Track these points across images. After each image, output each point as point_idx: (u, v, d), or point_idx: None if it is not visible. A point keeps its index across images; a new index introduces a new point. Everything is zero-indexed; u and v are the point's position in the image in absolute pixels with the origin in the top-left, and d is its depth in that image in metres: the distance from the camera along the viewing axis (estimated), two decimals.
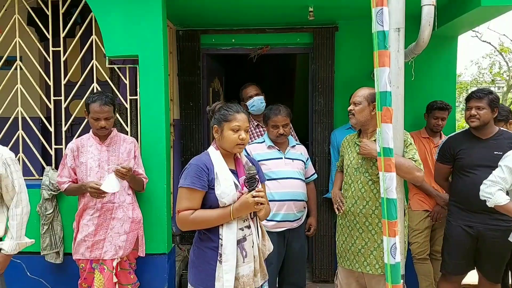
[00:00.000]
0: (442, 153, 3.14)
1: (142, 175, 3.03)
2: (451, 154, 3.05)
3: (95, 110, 2.79)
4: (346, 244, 2.78)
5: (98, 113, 2.79)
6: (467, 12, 3.33)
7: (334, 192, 2.99)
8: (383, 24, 2.16)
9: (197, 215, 2.03)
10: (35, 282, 3.26)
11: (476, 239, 2.93)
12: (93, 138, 2.92)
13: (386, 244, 2.16)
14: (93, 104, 2.80)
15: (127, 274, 2.97)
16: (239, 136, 2.08)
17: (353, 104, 2.71)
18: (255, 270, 2.10)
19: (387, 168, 2.17)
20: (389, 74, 2.17)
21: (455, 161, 3.04)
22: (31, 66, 3.49)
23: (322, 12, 3.70)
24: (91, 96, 2.87)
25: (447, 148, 3.09)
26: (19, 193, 2.43)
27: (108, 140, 2.91)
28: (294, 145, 3.17)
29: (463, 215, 2.97)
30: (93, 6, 3.16)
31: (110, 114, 2.83)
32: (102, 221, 2.86)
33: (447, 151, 3.08)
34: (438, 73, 4.11)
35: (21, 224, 2.43)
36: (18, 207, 2.42)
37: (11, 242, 2.40)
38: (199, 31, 4.16)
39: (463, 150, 2.98)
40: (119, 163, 2.86)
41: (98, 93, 2.90)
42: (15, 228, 2.41)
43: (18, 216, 2.42)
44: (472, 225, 2.92)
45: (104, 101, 2.80)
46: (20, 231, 2.43)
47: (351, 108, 2.72)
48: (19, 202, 2.43)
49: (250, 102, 3.64)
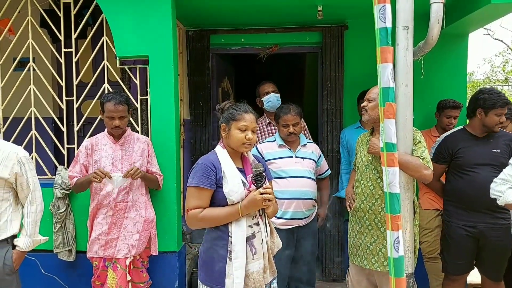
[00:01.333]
0: (439, 153, 3.07)
1: (156, 173, 3.06)
2: (449, 154, 3.00)
3: (109, 109, 2.83)
4: (357, 241, 2.80)
5: (113, 112, 2.83)
6: (477, 10, 3.30)
7: (347, 189, 3.03)
8: (386, 21, 2.16)
9: (206, 213, 2.06)
10: (49, 279, 3.31)
11: (478, 239, 2.91)
12: (108, 137, 2.95)
13: (389, 238, 2.18)
14: (108, 103, 2.84)
15: (140, 273, 3.01)
16: (245, 136, 2.10)
17: (367, 101, 2.73)
18: (264, 267, 2.11)
19: (390, 163, 2.18)
20: (391, 70, 2.18)
21: (452, 160, 2.99)
22: (44, 67, 3.54)
23: (331, 11, 3.70)
24: (106, 95, 2.91)
25: (445, 147, 3.03)
26: (33, 191, 2.47)
27: (122, 139, 2.95)
28: (305, 143, 3.18)
29: (463, 215, 2.93)
30: (104, 7, 3.21)
31: (124, 113, 2.87)
32: (115, 220, 2.89)
33: (445, 150, 3.02)
34: (448, 71, 4.08)
35: (35, 222, 2.48)
36: (33, 205, 2.47)
37: (26, 239, 2.45)
38: (208, 31, 4.19)
39: (461, 149, 2.95)
40: (132, 162, 2.91)
41: (113, 93, 2.94)
42: (29, 226, 2.46)
43: (32, 214, 2.47)
44: (473, 225, 2.89)
45: (118, 101, 2.84)
46: (34, 228, 2.48)
47: (365, 104, 2.74)
48: (33, 200, 2.48)
49: (266, 98, 3.66)
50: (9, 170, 2.38)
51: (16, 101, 3.41)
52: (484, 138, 2.96)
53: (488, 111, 2.88)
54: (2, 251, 2.39)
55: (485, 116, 2.89)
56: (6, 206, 2.43)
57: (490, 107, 2.87)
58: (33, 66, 3.46)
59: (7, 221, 2.43)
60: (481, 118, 2.91)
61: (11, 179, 2.40)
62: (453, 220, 2.98)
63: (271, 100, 3.65)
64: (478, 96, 2.94)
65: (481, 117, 2.91)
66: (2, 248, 2.40)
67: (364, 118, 2.81)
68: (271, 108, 3.65)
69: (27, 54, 3.42)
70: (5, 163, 2.38)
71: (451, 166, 3.02)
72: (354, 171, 3.08)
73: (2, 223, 2.41)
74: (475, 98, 2.97)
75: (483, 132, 2.96)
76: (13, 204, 2.48)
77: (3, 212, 2.41)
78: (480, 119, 2.92)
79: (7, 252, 2.41)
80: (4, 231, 2.41)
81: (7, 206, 2.44)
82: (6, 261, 2.39)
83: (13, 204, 2.48)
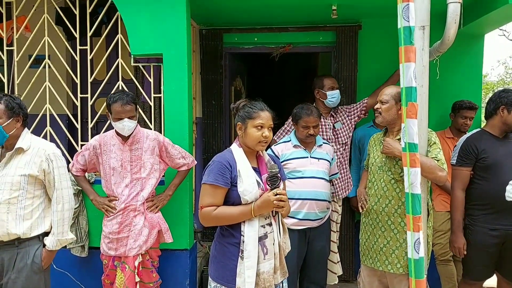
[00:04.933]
0: (464, 155, 2.91)
1: (183, 165, 3.03)
2: (475, 155, 2.89)
3: (117, 110, 2.76)
4: (369, 243, 2.78)
5: (120, 113, 2.76)
6: (494, 10, 3.26)
7: (359, 190, 3.00)
8: (409, 20, 2.14)
9: (219, 211, 2.06)
10: (61, 274, 3.33)
11: (502, 242, 2.85)
12: (116, 137, 2.90)
13: (410, 239, 2.17)
14: (114, 104, 2.77)
15: (149, 273, 2.97)
16: (262, 134, 2.10)
17: (380, 103, 2.70)
18: (275, 267, 2.11)
19: (412, 163, 2.17)
20: (414, 69, 2.16)
21: (476, 162, 2.89)
22: (59, 65, 3.57)
23: (345, 11, 3.68)
24: (112, 96, 2.83)
25: (470, 149, 2.91)
26: (59, 189, 2.45)
27: (130, 139, 2.88)
28: (321, 144, 3.16)
29: (488, 218, 2.84)
30: (119, 5, 3.23)
31: (132, 113, 2.80)
32: (125, 219, 2.88)
33: (470, 152, 2.90)
34: (464, 72, 4.04)
35: (62, 221, 2.46)
36: (59, 203, 2.45)
37: (53, 238, 2.45)
38: (222, 30, 4.20)
39: (485, 150, 2.87)
40: (142, 163, 2.89)
41: (119, 93, 2.85)
42: (55, 224, 2.44)
43: (58, 213, 2.45)
44: (498, 227, 2.82)
45: (125, 101, 2.76)
46: (61, 227, 2.45)
47: (378, 107, 2.70)
48: (60, 198, 2.45)
49: (332, 93, 3.55)
50: (38, 167, 2.40)
51: (32, 98, 3.45)
52: (504, 139, 2.90)
53: (511, 109, 2.84)
54: (32, 248, 2.41)
55: (508, 113, 2.85)
56: (38, 203, 2.44)
57: None
58: (48, 64, 3.49)
59: (39, 218, 2.44)
60: (504, 116, 2.86)
61: (40, 176, 2.41)
62: (479, 224, 2.86)
63: (335, 96, 3.56)
64: (501, 95, 2.90)
65: (504, 115, 2.86)
66: (34, 245, 2.42)
67: (378, 120, 2.76)
68: (332, 104, 3.58)
69: (43, 52, 3.45)
70: (34, 160, 2.40)
71: (475, 169, 2.90)
72: (366, 171, 3.06)
73: (34, 220, 2.42)
74: (497, 96, 2.91)
75: (502, 132, 2.90)
76: (45, 201, 2.49)
77: (35, 209, 2.43)
78: (502, 117, 2.87)
79: (37, 250, 2.43)
80: (36, 228, 2.43)
81: (39, 203, 2.45)
82: (35, 259, 2.41)
83: (45, 201, 2.49)
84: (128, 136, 2.88)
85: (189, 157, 3.07)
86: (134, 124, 2.83)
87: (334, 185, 3.50)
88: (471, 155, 2.89)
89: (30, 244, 2.41)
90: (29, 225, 2.39)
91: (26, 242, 2.40)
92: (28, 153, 2.42)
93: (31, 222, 2.40)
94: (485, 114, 3.01)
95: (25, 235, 2.38)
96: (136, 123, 2.87)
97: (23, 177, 2.37)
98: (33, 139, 2.49)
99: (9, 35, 3.62)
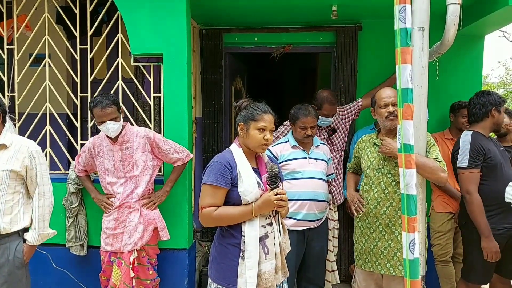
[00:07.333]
0: (475, 156, 2.80)
1: (176, 160, 3.02)
2: (483, 155, 2.82)
3: (98, 114, 2.78)
4: (367, 247, 2.74)
5: (102, 116, 2.77)
6: (494, 12, 3.26)
7: (351, 193, 2.94)
8: (406, 21, 2.15)
9: (220, 212, 2.06)
10: (60, 273, 3.35)
11: (505, 242, 2.82)
12: (107, 138, 2.94)
13: (405, 239, 2.18)
14: (95, 109, 2.78)
15: (146, 270, 2.99)
16: (264, 137, 2.10)
17: (391, 106, 2.58)
18: (276, 267, 2.11)
19: (407, 164, 2.18)
20: (410, 71, 2.17)
21: (483, 162, 2.83)
22: (59, 64, 3.57)
23: (346, 11, 3.68)
24: (92, 100, 2.85)
25: (479, 149, 2.82)
26: (41, 185, 2.50)
27: (119, 140, 2.90)
28: (318, 144, 3.16)
29: (496, 219, 2.81)
30: (120, 5, 3.23)
31: (114, 114, 2.80)
32: (120, 215, 2.92)
33: (479, 152, 2.82)
34: (464, 73, 4.03)
35: (43, 216, 2.50)
36: (40, 199, 2.50)
37: (34, 233, 2.49)
38: (222, 30, 4.20)
39: (490, 150, 2.85)
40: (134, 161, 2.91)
41: (99, 96, 2.85)
42: (37, 219, 2.49)
43: (40, 208, 2.49)
44: (503, 227, 2.80)
45: (104, 103, 2.76)
46: (42, 222, 2.50)
47: (393, 110, 2.56)
48: (41, 194, 2.50)
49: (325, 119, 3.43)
50: (20, 163, 2.42)
51: (32, 97, 3.46)
52: (491, 138, 2.99)
53: (500, 109, 2.87)
54: (13, 244, 2.43)
55: (499, 114, 2.87)
56: (18, 199, 2.47)
57: (501, 105, 2.88)
58: (48, 62, 3.50)
59: (19, 214, 2.47)
60: (496, 116, 2.87)
61: (22, 172, 2.44)
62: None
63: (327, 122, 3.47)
64: (488, 97, 2.91)
65: (496, 115, 2.87)
66: (14, 241, 2.44)
67: (392, 124, 2.59)
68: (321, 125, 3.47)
69: (43, 50, 3.46)
70: (17, 156, 2.43)
71: (482, 169, 2.84)
72: (351, 174, 3.06)
73: (14, 216, 2.44)
74: (486, 100, 2.91)
75: (490, 133, 2.95)
76: (25, 197, 2.52)
77: (14, 204, 2.45)
78: (494, 118, 2.88)
79: (18, 245, 2.45)
80: (15, 223, 2.45)
81: (18, 198, 2.47)
82: (17, 254, 2.42)
83: (25, 197, 2.52)
84: (117, 136, 2.90)
85: (183, 152, 3.06)
86: (117, 125, 2.84)
87: (331, 192, 3.47)
88: (480, 155, 2.83)
89: (10, 240, 2.43)
90: (9, 220, 2.41)
91: (6, 238, 2.42)
92: (10, 149, 2.44)
93: (11, 218, 2.42)
94: (474, 117, 2.98)
95: (5, 230, 2.39)
96: (120, 124, 2.87)
97: (5, 172, 2.39)
98: (14, 137, 2.51)
99: (10, 34, 3.62)
